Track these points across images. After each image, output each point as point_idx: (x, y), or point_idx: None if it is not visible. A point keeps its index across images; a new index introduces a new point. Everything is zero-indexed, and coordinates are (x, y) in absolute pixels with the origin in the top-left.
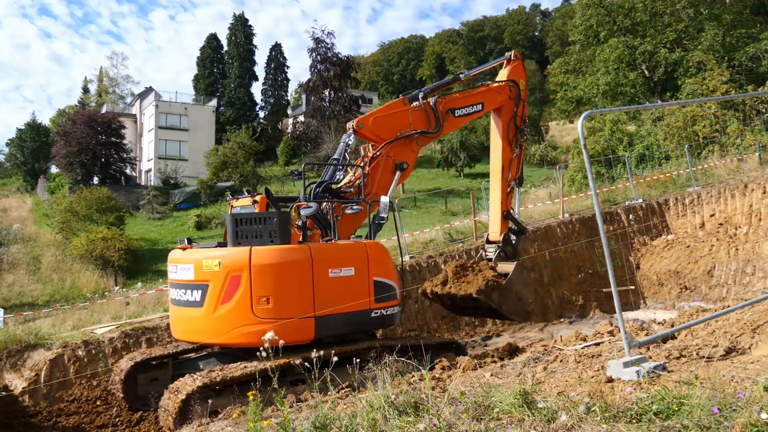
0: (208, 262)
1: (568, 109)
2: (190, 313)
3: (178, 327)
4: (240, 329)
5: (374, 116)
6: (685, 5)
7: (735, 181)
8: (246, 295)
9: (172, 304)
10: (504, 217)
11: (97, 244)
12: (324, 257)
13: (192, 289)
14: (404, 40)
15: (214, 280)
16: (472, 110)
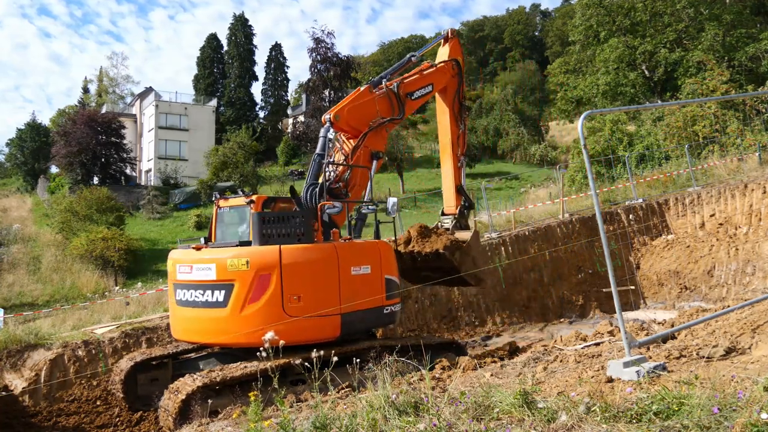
0: (234, 262)
1: (568, 109)
2: (209, 314)
3: (190, 328)
4: (271, 328)
5: (348, 107)
6: (685, 5)
7: (735, 181)
8: (277, 294)
9: (180, 305)
10: (457, 191)
11: (97, 244)
12: (347, 255)
13: (213, 289)
14: (404, 40)
15: (241, 280)
16: (424, 92)
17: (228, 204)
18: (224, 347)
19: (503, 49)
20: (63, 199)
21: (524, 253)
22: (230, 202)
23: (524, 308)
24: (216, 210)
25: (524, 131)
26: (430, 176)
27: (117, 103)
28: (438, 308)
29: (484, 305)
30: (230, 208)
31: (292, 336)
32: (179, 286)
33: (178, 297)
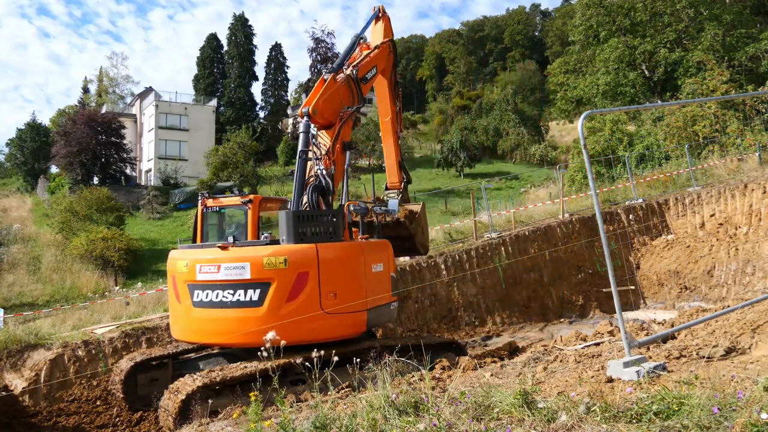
0: (272, 260)
1: (568, 109)
2: (241, 314)
3: (213, 330)
4: (310, 326)
5: (322, 99)
6: (685, 5)
7: (735, 181)
8: (315, 291)
9: (200, 306)
10: (399, 166)
11: (97, 244)
12: (369, 253)
13: (247, 288)
14: (404, 40)
15: (279, 278)
16: (372, 74)
17: (218, 204)
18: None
19: (503, 49)
20: (63, 199)
21: (524, 253)
22: (220, 202)
23: (524, 308)
24: (202, 210)
25: (524, 131)
26: (430, 176)
27: (117, 103)
28: (438, 308)
29: (484, 305)
30: (220, 207)
31: (328, 332)
32: (199, 287)
33: (197, 298)
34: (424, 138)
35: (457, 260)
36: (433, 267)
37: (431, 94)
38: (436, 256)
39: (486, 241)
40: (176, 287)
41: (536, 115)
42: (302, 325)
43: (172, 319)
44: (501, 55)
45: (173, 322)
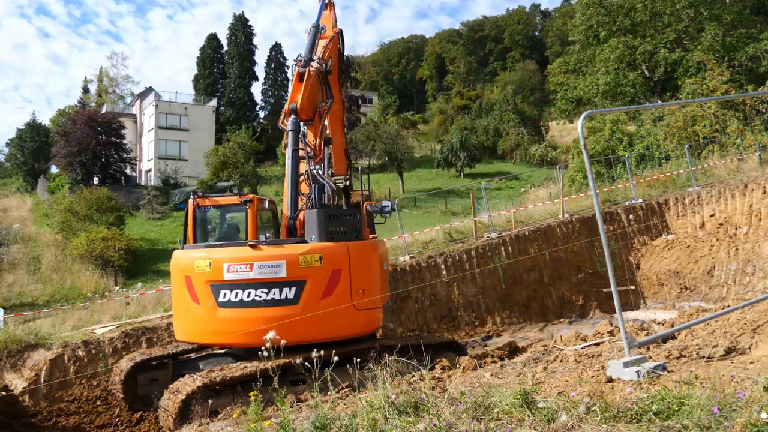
0: (307, 258)
1: (568, 109)
2: (275, 312)
3: (241, 330)
4: (342, 322)
5: (305, 95)
6: (685, 5)
7: (735, 181)
8: (347, 288)
9: (226, 306)
10: (344, 153)
11: (97, 244)
12: (383, 252)
13: (283, 286)
14: (404, 39)
15: (314, 276)
16: (329, 65)
17: (212, 203)
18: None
19: (503, 49)
20: (63, 199)
21: (524, 253)
22: (215, 201)
23: (524, 308)
24: (193, 209)
25: (524, 131)
26: (430, 176)
27: (117, 103)
28: (438, 308)
29: (484, 305)
30: (215, 207)
31: (356, 328)
32: (226, 287)
33: (223, 298)
34: (424, 138)
35: (457, 260)
36: (433, 267)
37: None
38: (436, 256)
39: (486, 241)
40: (193, 288)
41: (536, 115)
42: (335, 322)
43: (184, 321)
44: (501, 55)
45: (185, 323)
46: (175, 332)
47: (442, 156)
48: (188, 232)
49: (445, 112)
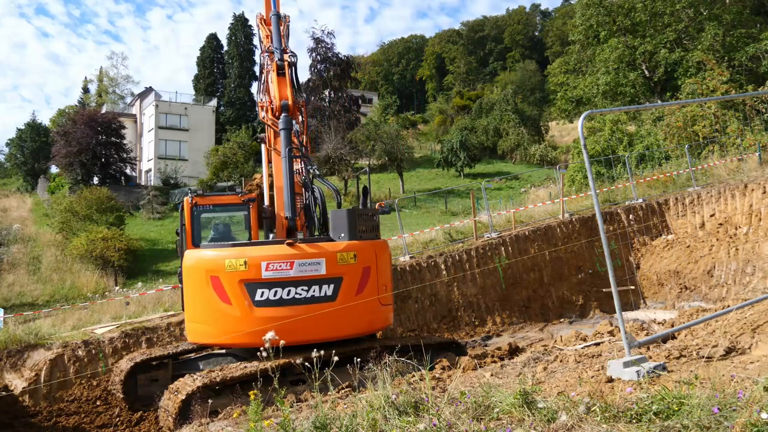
0: (344, 256)
1: (568, 109)
2: (314, 309)
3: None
4: (370, 317)
5: (291, 90)
6: (684, 5)
7: (735, 181)
8: (374, 285)
9: (266, 305)
10: None
11: (97, 244)
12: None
13: (322, 283)
14: (404, 40)
15: (350, 273)
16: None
17: (210, 202)
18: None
19: (503, 49)
20: (63, 199)
21: (524, 253)
22: (213, 200)
23: (524, 308)
24: (190, 208)
25: (524, 131)
26: (430, 176)
27: (117, 103)
28: (438, 308)
29: (484, 305)
30: (214, 206)
31: (378, 323)
32: (264, 285)
33: (260, 297)
34: (424, 138)
35: (457, 260)
36: (433, 267)
37: (431, 94)
38: (436, 256)
39: (486, 241)
40: (222, 288)
41: (536, 115)
42: (364, 317)
43: (208, 323)
44: (501, 55)
45: (211, 325)
46: (191, 335)
47: (442, 156)
48: (187, 232)
49: (445, 112)
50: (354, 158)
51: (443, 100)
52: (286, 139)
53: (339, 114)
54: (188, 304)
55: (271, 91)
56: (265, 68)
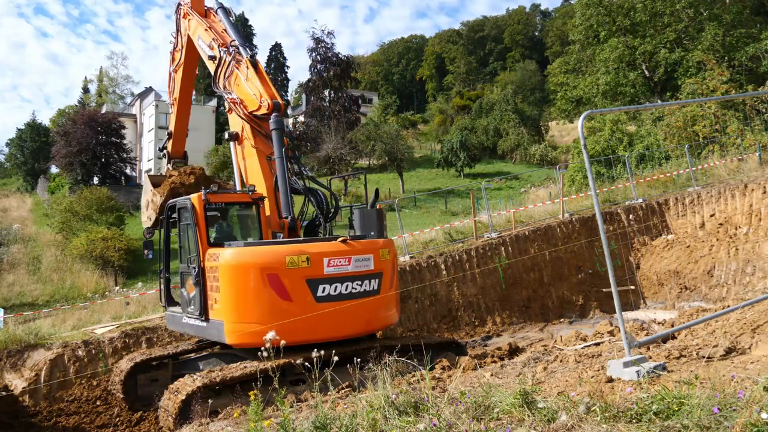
0: (384, 252)
1: (568, 109)
2: (364, 303)
3: (343, 322)
4: (394, 310)
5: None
6: (684, 5)
7: (735, 181)
8: (397, 280)
9: (329, 300)
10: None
11: (97, 244)
12: None
13: (371, 278)
14: (404, 40)
15: (387, 268)
16: None
17: (222, 199)
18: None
19: (503, 49)
20: (63, 199)
21: (524, 253)
22: (225, 198)
23: (524, 308)
24: (203, 205)
25: (524, 131)
26: (430, 176)
27: (117, 103)
28: (438, 308)
29: (484, 305)
30: (226, 204)
31: (395, 317)
32: (326, 281)
33: (321, 293)
34: (424, 138)
35: (457, 260)
36: (433, 267)
37: (431, 94)
38: (436, 256)
39: (486, 241)
40: (282, 285)
41: (536, 115)
42: (390, 310)
43: (265, 321)
44: (501, 55)
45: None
46: (236, 336)
47: (442, 156)
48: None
49: (445, 112)
50: (354, 158)
51: (443, 100)
52: (279, 140)
53: (339, 114)
54: (231, 304)
55: (250, 89)
56: (225, 63)
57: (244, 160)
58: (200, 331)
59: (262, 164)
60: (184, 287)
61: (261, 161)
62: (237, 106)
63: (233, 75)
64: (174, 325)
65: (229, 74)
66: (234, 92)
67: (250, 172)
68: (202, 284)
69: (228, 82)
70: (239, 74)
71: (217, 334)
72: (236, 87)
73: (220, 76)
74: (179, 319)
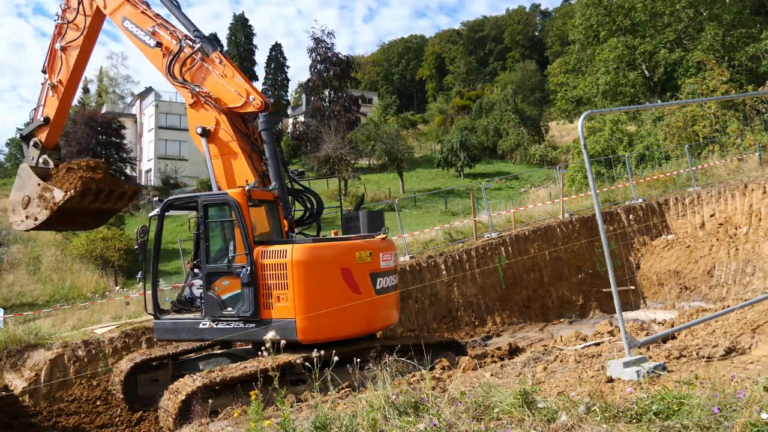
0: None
1: (568, 109)
2: (394, 296)
3: (386, 314)
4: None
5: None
6: (684, 5)
7: (735, 181)
8: None
9: (382, 293)
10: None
11: (97, 244)
12: None
13: (395, 274)
14: (404, 40)
15: (395, 266)
16: None
17: (261, 197)
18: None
19: (503, 49)
20: None
21: (524, 253)
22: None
23: (524, 308)
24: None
25: (524, 131)
26: (430, 176)
27: (117, 103)
28: (438, 308)
29: (484, 305)
30: (260, 201)
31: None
32: (381, 275)
33: (379, 286)
34: (424, 138)
35: (457, 260)
36: (433, 267)
37: (431, 94)
38: (436, 256)
39: (486, 241)
40: (353, 279)
41: (536, 115)
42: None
43: (339, 314)
44: (501, 55)
45: (341, 317)
46: (313, 332)
47: (442, 156)
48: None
49: (445, 112)
50: (354, 158)
51: (443, 100)
52: (271, 140)
53: (339, 114)
54: (305, 300)
55: (230, 85)
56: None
57: (223, 157)
58: (246, 334)
59: (248, 163)
60: (209, 289)
61: (247, 160)
62: (211, 99)
63: (200, 69)
64: (183, 334)
65: (194, 67)
66: (204, 86)
67: (236, 171)
68: (254, 283)
69: (191, 75)
70: (211, 69)
71: (281, 333)
72: (206, 81)
73: (174, 67)
74: (192, 325)
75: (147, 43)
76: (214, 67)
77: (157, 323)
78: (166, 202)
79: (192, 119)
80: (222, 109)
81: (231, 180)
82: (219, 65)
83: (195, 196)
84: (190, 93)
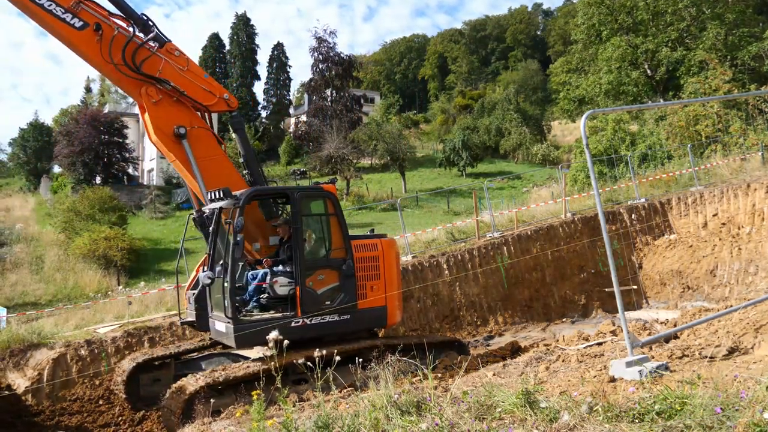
0: None
1: (570, 108)
2: None
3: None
4: None
5: None
6: (687, 4)
7: (738, 181)
8: None
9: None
10: None
11: (99, 244)
12: None
13: None
14: (406, 39)
15: None
16: None
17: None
18: None
19: (505, 48)
20: (66, 198)
21: (526, 252)
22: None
23: (526, 308)
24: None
25: (526, 131)
26: (432, 175)
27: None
28: (440, 308)
29: (487, 305)
30: None
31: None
32: None
33: None
34: (426, 137)
35: (460, 260)
36: (436, 266)
37: (433, 93)
38: (439, 256)
39: (488, 241)
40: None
41: (538, 114)
42: None
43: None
44: (503, 55)
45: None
46: (396, 316)
47: (445, 155)
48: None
49: (447, 111)
50: (356, 158)
51: (445, 100)
52: (245, 140)
53: (341, 113)
54: (393, 289)
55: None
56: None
57: (206, 160)
58: (342, 326)
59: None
60: (304, 285)
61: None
62: (185, 97)
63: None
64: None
65: (148, 59)
66: (175, 82)
67: (224, 172)
68: (354, 276)
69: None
70: (170, 62)
71: (371, 321)
72: (173, 76)
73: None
74: (284, 325)
75: (70, 24)
76: (174, 61)
77: (238, 329)
78: (251, 192)
79: (156, 119)
80: (196, 106)
81: (218, 182)
82: (178, 58)
83: (284, 188)
84: (156, 89)
